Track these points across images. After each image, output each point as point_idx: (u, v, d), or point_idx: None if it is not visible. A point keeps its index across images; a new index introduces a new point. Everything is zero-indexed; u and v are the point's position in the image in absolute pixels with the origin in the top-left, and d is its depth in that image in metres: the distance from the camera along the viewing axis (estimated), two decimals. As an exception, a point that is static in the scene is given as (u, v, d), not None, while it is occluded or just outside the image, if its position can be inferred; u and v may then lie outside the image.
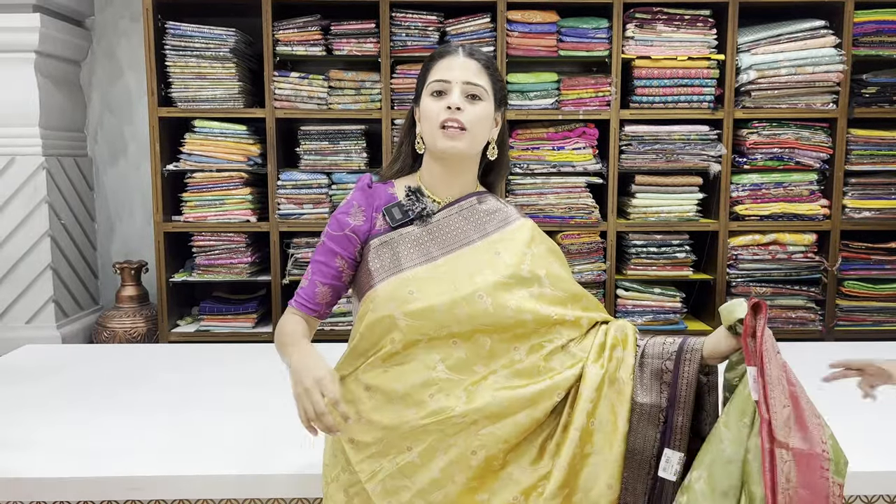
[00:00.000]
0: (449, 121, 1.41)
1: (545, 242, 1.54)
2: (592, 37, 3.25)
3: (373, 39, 3.25)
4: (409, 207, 1.47)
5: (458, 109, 1.41)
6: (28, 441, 1.82)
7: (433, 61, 1.47)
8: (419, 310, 1.38)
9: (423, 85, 1.47)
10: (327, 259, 1.46)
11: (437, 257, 1.45)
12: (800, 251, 3.32)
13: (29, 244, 3.33)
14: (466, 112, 1.42)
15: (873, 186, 3.32)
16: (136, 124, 3.74)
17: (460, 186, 1.51)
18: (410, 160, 1.54)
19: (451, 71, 1.44)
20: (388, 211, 1.47)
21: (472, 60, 1.45)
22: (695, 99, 3.25)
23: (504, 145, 1.55)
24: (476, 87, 1.43)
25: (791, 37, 3.22)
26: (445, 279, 1.42)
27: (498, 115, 1.51)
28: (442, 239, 1.47)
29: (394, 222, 1.46)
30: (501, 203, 1.56)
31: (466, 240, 1.47)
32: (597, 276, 3.31)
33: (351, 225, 1.46)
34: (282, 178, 3.30)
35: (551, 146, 3.27)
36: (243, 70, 3.34)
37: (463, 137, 1.42)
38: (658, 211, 3.31)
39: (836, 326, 3.33)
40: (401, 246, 1.45)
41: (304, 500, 1.70)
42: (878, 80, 3.27)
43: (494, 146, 1.51)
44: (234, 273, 3.35)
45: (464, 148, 1.43)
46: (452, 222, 1.49)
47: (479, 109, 1.44)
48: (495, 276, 1.43)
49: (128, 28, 3.70)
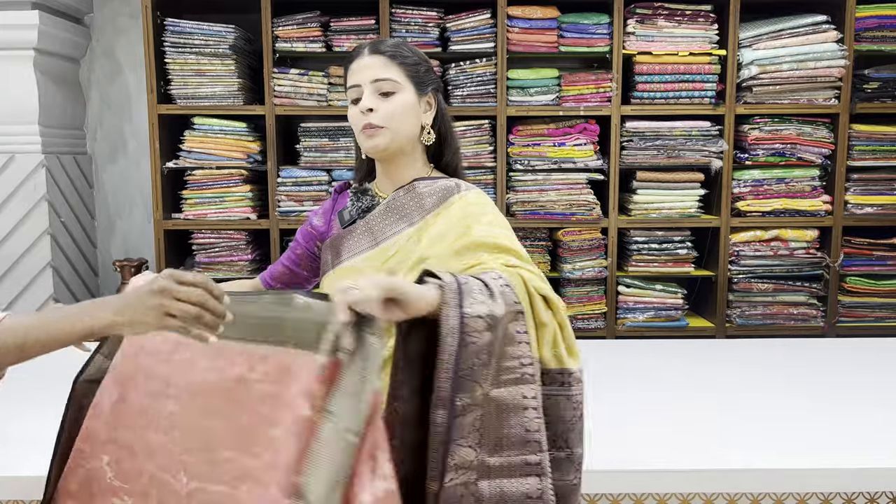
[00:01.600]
0: (365, 126, 1.45)
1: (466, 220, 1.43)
2: (593, 32, 3.24)
3: (373, 36, 3.23)
4: (353, 207, 1.53)
5: (369, 111, 1.44)
6: (30, 439, 1.81)
7: (347, 67, 1.49)
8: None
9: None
10: (293, 246, 1.65)
11: (366, 249, 1.48)
12: (802, 247, 3.31)
13: (29, 242, 3.33)
14: (379, 110, 1.44)
15: (875, 182, 3.31)
16: (135, 122, 3.73)
17: (404, 179, 1.52)
18: (367, 163, 1.60)
19: (359, 73, 1.46)
20: (340, 215, 1.55)
21: (377, 56, 1.46)
22: (696, 95, 3.24)
23: (445, 124, 1.55)
24: (385, 81, 1.44)
25: (793, 32, 3.21)
26: (371, 270, 1.43)
27: (427, 98, 1.51)
28: (376, 230, 1.49)
29: (343, 224, 1.53)
30: (447, 182, 1.50)
31: (394, 230, 1.47)
32: (598, 273, 3.30)
33: (312, 222, 1.62)
34: (282, 176, 3.29)
35: (552, 142, 3.26)
36: (243, 67, 3.33)
37: (381, 134, 1.44)
38: (659, 207, 3.30)
39: (838, 323, 3.33)
40: (343, 242, 1.51)
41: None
42: (881, 76, 3.25)
43: (429, 130, 1.51)
44: (234, 270, 3.34)
45: (385, 143, 1.46)
46: (383, 214, 1.50)
47: (395, 103, 1.44)
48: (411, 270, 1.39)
49: (127, 25, 3.69)
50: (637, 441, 1.73)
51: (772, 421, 1.89)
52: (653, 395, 2.05)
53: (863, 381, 2.22)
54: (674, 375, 2.28)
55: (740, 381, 2.22)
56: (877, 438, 1.78)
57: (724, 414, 1.94)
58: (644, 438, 1.72)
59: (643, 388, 2.11)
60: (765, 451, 1.70)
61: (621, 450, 1.67)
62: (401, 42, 1.51)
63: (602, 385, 1.88)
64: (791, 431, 1.82)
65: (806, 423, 1.87)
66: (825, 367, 2.37)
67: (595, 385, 1.53)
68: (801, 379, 2.24)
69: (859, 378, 2.25)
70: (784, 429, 1.84)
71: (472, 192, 1.50)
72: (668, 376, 2.27)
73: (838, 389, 2.15)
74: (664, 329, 3.31)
